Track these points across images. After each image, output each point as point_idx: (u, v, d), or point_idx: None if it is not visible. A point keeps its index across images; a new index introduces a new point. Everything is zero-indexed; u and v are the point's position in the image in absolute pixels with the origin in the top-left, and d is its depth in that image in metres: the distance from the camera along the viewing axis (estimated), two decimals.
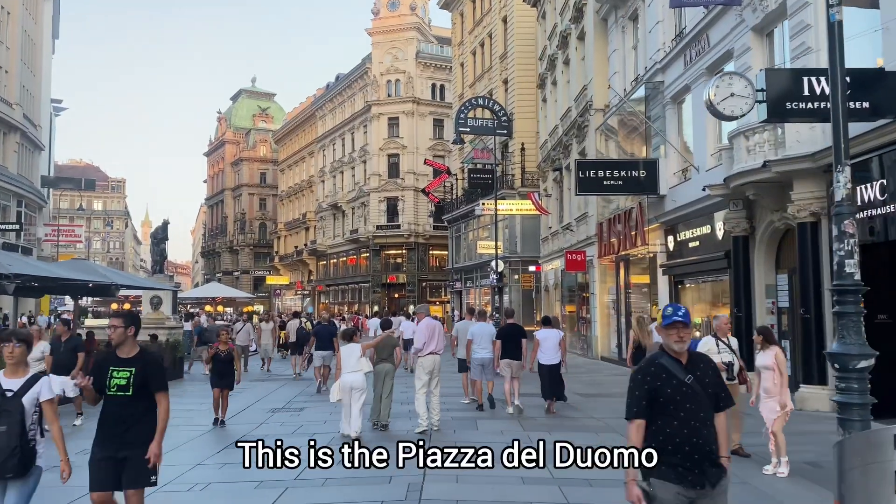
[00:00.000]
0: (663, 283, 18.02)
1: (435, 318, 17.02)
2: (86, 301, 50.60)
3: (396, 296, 52.50)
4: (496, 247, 23.05)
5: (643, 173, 17.76)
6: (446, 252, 46.92)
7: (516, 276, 34.54)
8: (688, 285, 17.53)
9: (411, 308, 45.84)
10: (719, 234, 14.83)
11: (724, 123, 15.36)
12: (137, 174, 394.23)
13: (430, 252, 52.94)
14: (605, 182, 17.74)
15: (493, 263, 31.76)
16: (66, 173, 72.16)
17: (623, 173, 17.83)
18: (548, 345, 11.71)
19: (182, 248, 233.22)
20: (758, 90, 9.18)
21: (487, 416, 11.33)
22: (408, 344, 15.20)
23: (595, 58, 23.26)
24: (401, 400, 11.81)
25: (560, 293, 29.15)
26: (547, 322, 12.50)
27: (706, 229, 15.54)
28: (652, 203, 18.23)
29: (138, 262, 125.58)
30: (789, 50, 12.13)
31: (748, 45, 13.53)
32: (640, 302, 20.08)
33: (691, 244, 16.36)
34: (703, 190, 14.07)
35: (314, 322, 22.12)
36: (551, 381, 11.60)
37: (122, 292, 40.47)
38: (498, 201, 30.73)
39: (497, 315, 20.96)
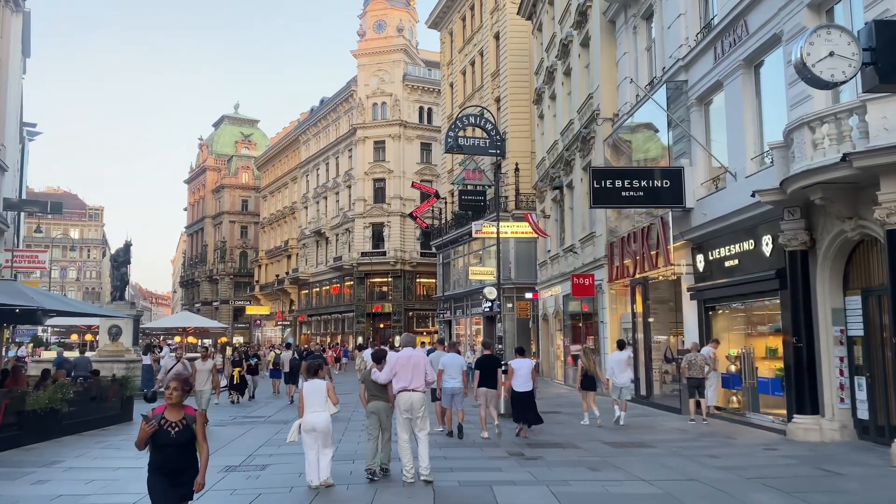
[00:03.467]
0: (690, 308, 15.70)
1: (426, 348, 15.34)
2: (44, 331, 47.50)
3: (382, 326, 49.92)
4: (498, 272, 20.77)
5: (666, 183, 15.56)
6: (434, 280, 44.55)
7: (510, 305, 32.12)
8: (721, 311, 15.21)
9: (397, 339, 43.62)
10: (767, 249, 12.57)
11: (766, 122, 13.38)
12: (117, 203, 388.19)
13: (418, 280, 50.57)
14: (623, 193, 15.49)
15: (488, 291, 29.49)
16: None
17: (644, 183, 15.61)
18: (521, 373, 12.47)
19: (163, 278, 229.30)
20: (864, 49, 6.99)
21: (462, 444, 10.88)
22: None
23: (602, 64, 21.23)
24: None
25: (561, 322, 26.77)
26: (521, 352, 13.50)
27: (748, 245, 13.28)
28: (675, 218, 15.99)
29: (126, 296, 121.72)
30: (862, 24, 9.99)
31: (802, 26, 11.41)
32: (661, 331, 17.76)
33: (728, 263, 14.07)
34: (752, 196, 11.81)
35: (302, 352, 22.76)
36: (525, 408, 12.31)
37: (81, 321, 37.61)
38: (492, 225, 28.62)
39: (500, 347, 18.61)
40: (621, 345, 14.98)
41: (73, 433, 12.60)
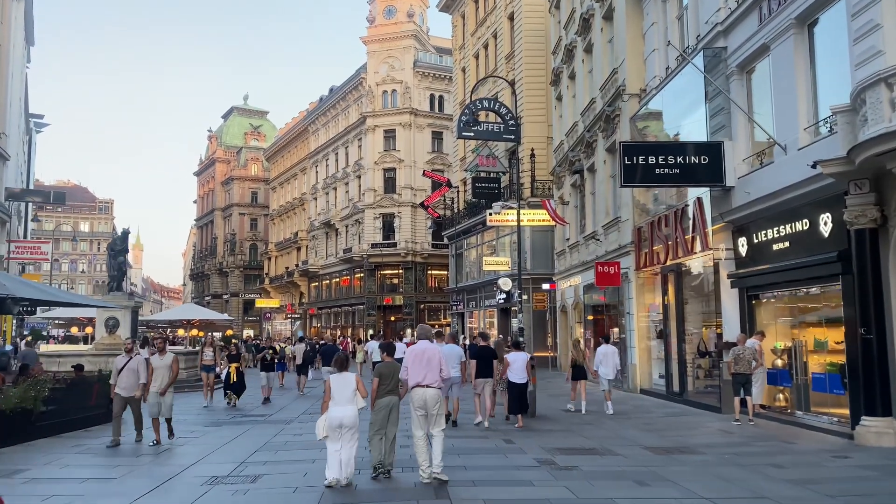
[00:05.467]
0: (730, 297, 14.28)
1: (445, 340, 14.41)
2: (49, 324, 46.65)
3: (393, 318, 48.69)
4: (519, 261, 19.45)
5: (704, 159, 14.13)
6: (446, 271, 43.24)
7: (526, 296, 30.69)
8: (766, 300, 13.79)
9: (408, 332, 42.30)
10: (825, 229, 11.14)
11: (821, 88, 11.92)
12: (128, 195, 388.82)
13: (429, 272, 49.26)
14: (656, 171, 14.07)
15: (503, 282, 28.23)
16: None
17: (679, 159, 14.18)
18: (517, 366, 12.99)
19: (174, 272, 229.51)
20: None
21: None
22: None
23: (628, 36, 19.79)
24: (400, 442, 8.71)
25: (581, 313, 25.39)
26: (517, 346, 14.27)
27: (802, 225, 11.86)
28: (713, 198, 14.56)
29: (127, 286, 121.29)
30: None
31: None
32: (694, 322, 16.36)
33: (776, 246, 12.65)
34: (813, 167, 10.39)
35: (315, 344, 23.56)
36: (520, 398, 12.87)
37: (82, 313, 36.58)
38: (507, 212, 27.25)
39: (522, 340, 17.27)
40: (607, 339, 16.63)
41: (50, 435, 11.38)
